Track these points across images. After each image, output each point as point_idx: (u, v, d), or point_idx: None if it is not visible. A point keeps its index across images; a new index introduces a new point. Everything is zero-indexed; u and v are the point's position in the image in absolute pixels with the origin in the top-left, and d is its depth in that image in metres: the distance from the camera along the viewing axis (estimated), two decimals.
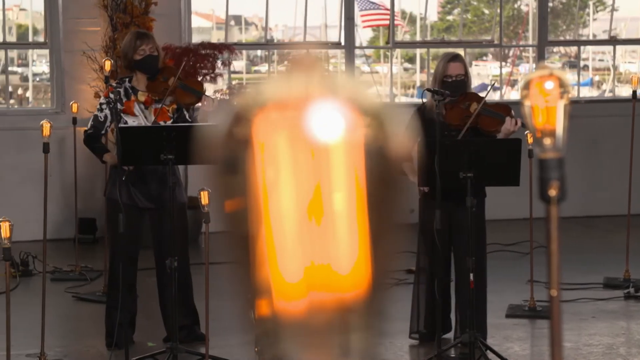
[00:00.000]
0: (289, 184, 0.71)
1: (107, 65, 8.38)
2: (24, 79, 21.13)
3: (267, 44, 11.78)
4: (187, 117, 6.64)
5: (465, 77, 6.52)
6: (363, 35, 17.01)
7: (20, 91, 21.17)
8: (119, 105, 6.55)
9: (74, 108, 8.77)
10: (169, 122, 6.53)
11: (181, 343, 6.26)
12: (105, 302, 6.91)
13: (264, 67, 22.55)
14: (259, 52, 21.40)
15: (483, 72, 21.93)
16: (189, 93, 6.59)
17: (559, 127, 1.80)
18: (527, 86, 1.80)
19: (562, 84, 1.79)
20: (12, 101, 19.58)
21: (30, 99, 20.09)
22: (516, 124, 6.40)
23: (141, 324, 6.88)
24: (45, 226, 6.63)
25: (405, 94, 19.83)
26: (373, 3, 15.00)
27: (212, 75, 9.84)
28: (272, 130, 0.70)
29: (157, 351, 6.44)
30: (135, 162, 6.30)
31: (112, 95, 6.54)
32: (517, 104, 2.02)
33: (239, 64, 23.33)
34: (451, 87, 6.41)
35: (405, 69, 23.19)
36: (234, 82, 11.54)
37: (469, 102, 6.46)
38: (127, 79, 6.67)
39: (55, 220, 9.92)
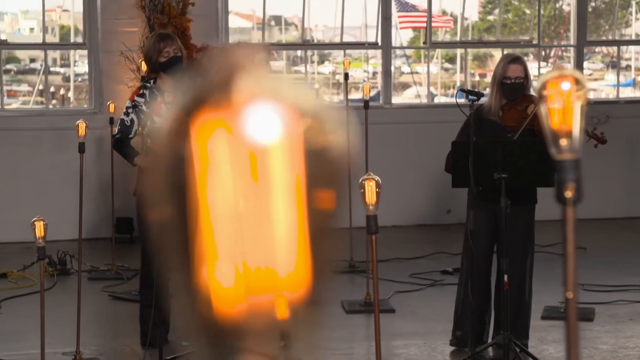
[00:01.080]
0: (227, 186, 0.71)
1: (144, 65, 8.41)
2: (66, 79, 21.31)
3: (303, 44, 11.77)
4: None
5: (525, 80, 6.45)
6: (403, 35, 16.96)
7: (62, 91, 21.35)
8: (144, 108, 6.58)
9: (111, 108, 8.82)
10: None
11: None
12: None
13: (302, 67, 22.54)
14: (298, 53, 21.40)
15: None
16: None
17: (576, 128, 1.78)
18: (543, 87, 1.78)
19: (578, 85, 1.77)
20: (54, 101, 19.76)
21: (71, 99, 20.24)
22: None
23: (177, 324, 6.90)
24: (81, 225, 6.68)
25: (445, 94, 19.77)
26: (410, 5, 14.97)
27: None
28: (210, 131, 0.70)
29: (191, 350, 6.46)
30: None
31: (138, 99, 6.58)
32: None
33: (278, 64, 23.36)
34: (509, 89, 6.35)
35: (446, 69, 23.11)
36: None
37: (526, 104, 6.41)
38: (151, 80, 6.70)
39: (93, 220, 9.99)
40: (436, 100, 16.21)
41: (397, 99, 19.39)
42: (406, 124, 10.77)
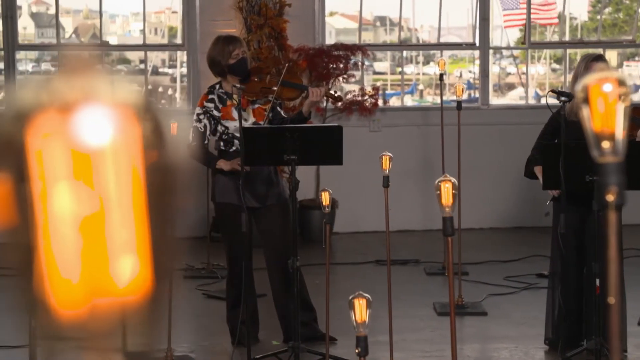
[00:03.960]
0: (65, 190, 0.71)
1: None
2: (174, 80, 21.65)
3: (401, 45, 11.73)
4: (282, 114, 6.69)
5: None
6: (510, 35, 16.76)
7: (170, 92, 21.71)
8: (216, 113, 6.63)
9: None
10: (265, 122, 6.60)
11: (303, 342, 6.29)
12: None
13: (408, 68, 22.38)
14: (404, 53, 21.36)
15: (635, 73, 21.35)
16: (292, 88, 6.65)
17: (618, 130, 1.74)
18: (585, 89, 1.74)
19: (621, 87, 1.73)
20: (162, 101, 20.11)
21: (178, 100, 20.58)
22: None
23: (267, 323, 6.95)
24: None
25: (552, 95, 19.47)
26: (514, 2, 14.79)
27: (345, 76, 9.87)
28: (47, 135, 0.70)
29: (279, 350, 6.50)
30: (257, 163, 6.37)
31: (207, 105, 6.64)
32: None
33: (383, 65, 23.32)
34: None
35: (553, 70, 22.78)
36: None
37: None
38: (217, 86, 6.74)
39: (190, 219, 10.12)
40: (542, 101, 15.97)
41: (502, 100, 19.18)
42: (504, 125, 10.66)
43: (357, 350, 3.75)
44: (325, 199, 5.81)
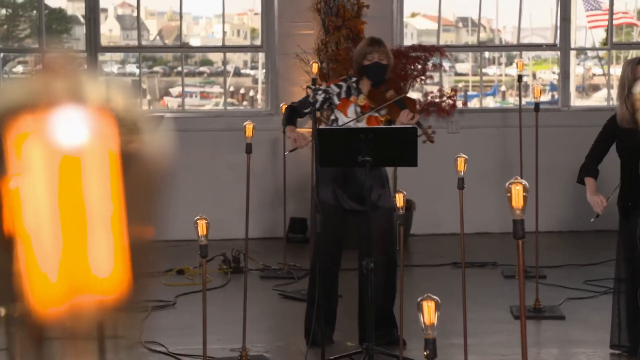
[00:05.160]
0: (43, 190, 0.71)
1: (315, 67, 8.54)
2: (255, 81, 21.78)
3: (480, 46, 11.64)
4: None
5: None
6: (596, 35, 16.51)
7: (251, 93, 21.86)
8: (335, 99, 6.65)
9: (284, 110, 8.95)
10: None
11: (377, 345, 6.27)
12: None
13: (490, 69, 22.14)
14: (486, 54, 21.17)
15: None
16: (401, 110, 6.59)
17: None
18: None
19: None
20: (244, 102, 20.24)
21: (259, 101, 20.69)
22: None
23: (342, 324, 6.95)
24: (247, 225, 6.81)
25: None
26: (597, 2, 14.58)
27: (423, 77, 9.82)
28: (24, 135, 0.70)
29: (353, 351, 6.50)
30: (332, 164, 6.37)
31: (333, 87, 6.66)
32: None
33: (465, 66, 23.14)
34: None
35: None
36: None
37: None
38: (355, 78, 6.74)
39: (268, 220, 10.18)
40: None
41: (587, 102, 18.92)
42: (585, 127, 10.50)
43: (425, 353, 3.74)
44: (399, 200, 5.79)
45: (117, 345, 0.77)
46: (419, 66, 9.70)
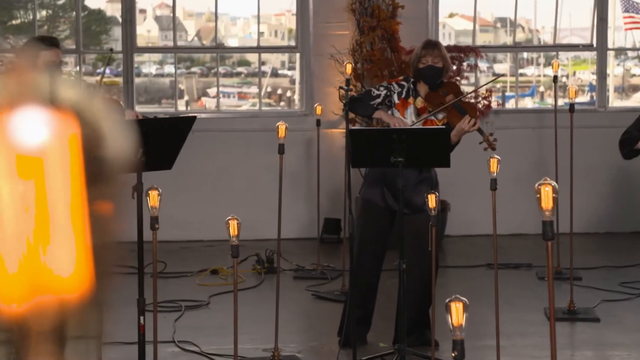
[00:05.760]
0: (6, 190, 0.71)
1: (348, 68, 8.53)
2: (292, 81, 21.82)
3: (516, 47, 11.57)
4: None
5: None
6: (636, 36, 16.38)
7: (288, 93, 21.89)
8: (395, 98, 6.63)
9: (318, 110, 8.97)
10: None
11: (410, 346, 6.26)
12: (343, 301, 7.04)
13: (529, 70, 22.00)
14: (525, 55, 21.07)
15: None
16: (461, 115, 6.56)
17: None
18: None
19: None
20: (282, 103, 20.30)
21: (296, 101, 20.71)
22: None
23: (378, 325, 6.94)
24: (279, 225, 6.81)
25: None
26: (635, 5, 14.47)
27: (458, 78, 9.79)
28: None
29: (386, 352, 6.50)
30: (365, 164, 6.37)
31: (395, 85, 6.64)
32: None
33: (503, 67, 23.03)
34: None
35: None
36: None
37: None
38: (413, 80, 6.71)
39: (303, 220, 10.19)
40: None
41: (626, 102, 18.77)
42: (622, 128, 10.42)
43: (453, 354, 3.73)
44: (431, 201, 5.77)
45: (79, 345, 0.78)
46: (454, 67, 9.67)
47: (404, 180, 6.41)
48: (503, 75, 7.10)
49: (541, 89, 22.78)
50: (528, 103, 18.35)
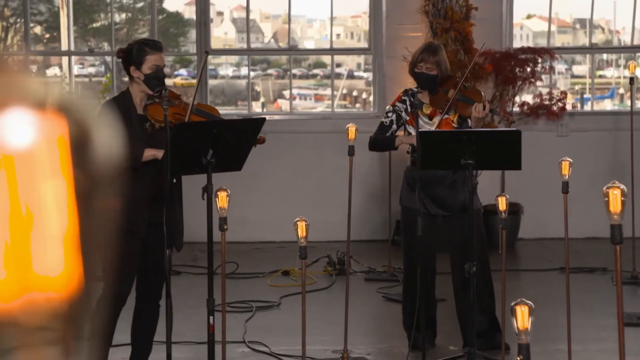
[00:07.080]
0: None
1: None
2: (369, 83, 21.79)
3: (592, 48, 11.43)
4: (470, 125, 6.59)
5: None
6: None
7: (364, 95, 21.89)
8: (404, 115, 6.62)
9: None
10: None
11: (480, 349, 6.22)
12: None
13: (608, 72, 21.72)
14: (604, 56, 20.77)
15: None
16: (469, 105, 6.53)
17: None
18: None
19: None
20: (357, 105, 20.30)
21: (371, 103, 20.68)
22: None
23: (446, 328, 6.91)
24: (349, 227, 6.81)
25: None
26: None
27: (532, 80, 9.69)
28: None
29: (455, 355, 6.46)
30: (434, 167, 6.33)
31: (398, 105, 6.64)
32: None
33: (582, 68, 22.75)
34: None
35: None
36: (560, 88, 11.27)
37: None
38: (414, 90, 6.67)
39: (375, 222, 10.17)
40: None
41: None
42: None
43: (518, 358, 3.69)
44: (501, 204, 5.73)
45: (67, 344, 0.78)
46: (528, 69, 9.58)
47: (442, 182, 6.39)
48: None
49: (621, 90, 22.45)
50: (607, 105, 18.12)
